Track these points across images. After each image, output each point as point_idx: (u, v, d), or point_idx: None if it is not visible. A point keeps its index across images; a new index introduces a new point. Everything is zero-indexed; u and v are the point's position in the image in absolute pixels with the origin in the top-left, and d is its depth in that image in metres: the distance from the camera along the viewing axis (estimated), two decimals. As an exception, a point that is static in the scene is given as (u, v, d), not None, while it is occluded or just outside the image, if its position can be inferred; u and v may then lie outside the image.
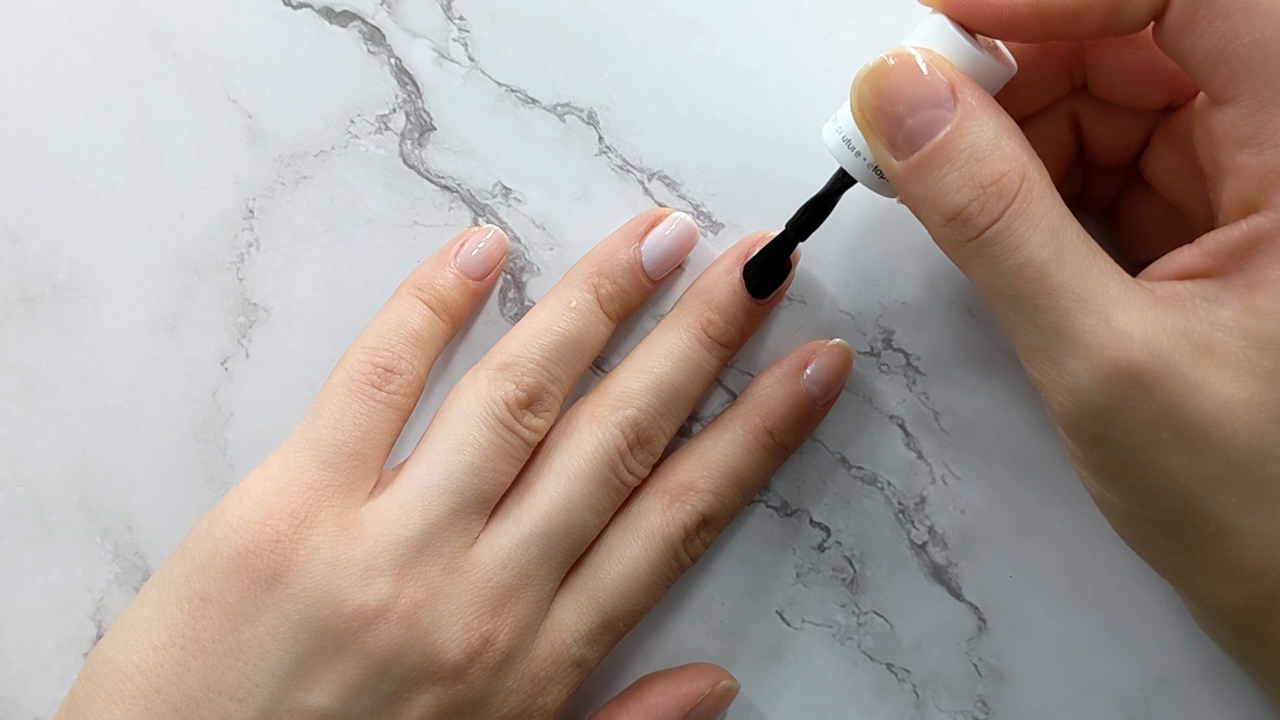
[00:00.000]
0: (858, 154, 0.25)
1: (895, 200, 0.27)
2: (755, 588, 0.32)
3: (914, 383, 0.31)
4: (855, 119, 0.24)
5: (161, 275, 0.32)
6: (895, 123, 0.23)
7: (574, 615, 0.29)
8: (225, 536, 0.26)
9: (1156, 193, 0.28)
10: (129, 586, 0.32)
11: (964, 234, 0.23)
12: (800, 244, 0.29)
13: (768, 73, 0.31)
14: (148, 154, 0.32)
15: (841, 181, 0.27)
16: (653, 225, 0.30)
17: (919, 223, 0.24)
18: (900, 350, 0.31)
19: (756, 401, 0.30)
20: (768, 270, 0.29)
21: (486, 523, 0.28)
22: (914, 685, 0.31)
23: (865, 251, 0.31)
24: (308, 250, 0.32)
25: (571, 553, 0.29)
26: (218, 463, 0.32)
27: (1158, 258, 0.25)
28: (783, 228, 0.29)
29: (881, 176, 0.26)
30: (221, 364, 0.32)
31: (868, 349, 0.31)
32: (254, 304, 0.32)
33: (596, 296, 0.29)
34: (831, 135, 0.26)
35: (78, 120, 0.32)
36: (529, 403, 0.28)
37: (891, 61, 0.23)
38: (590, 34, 0.31)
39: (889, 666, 0.31)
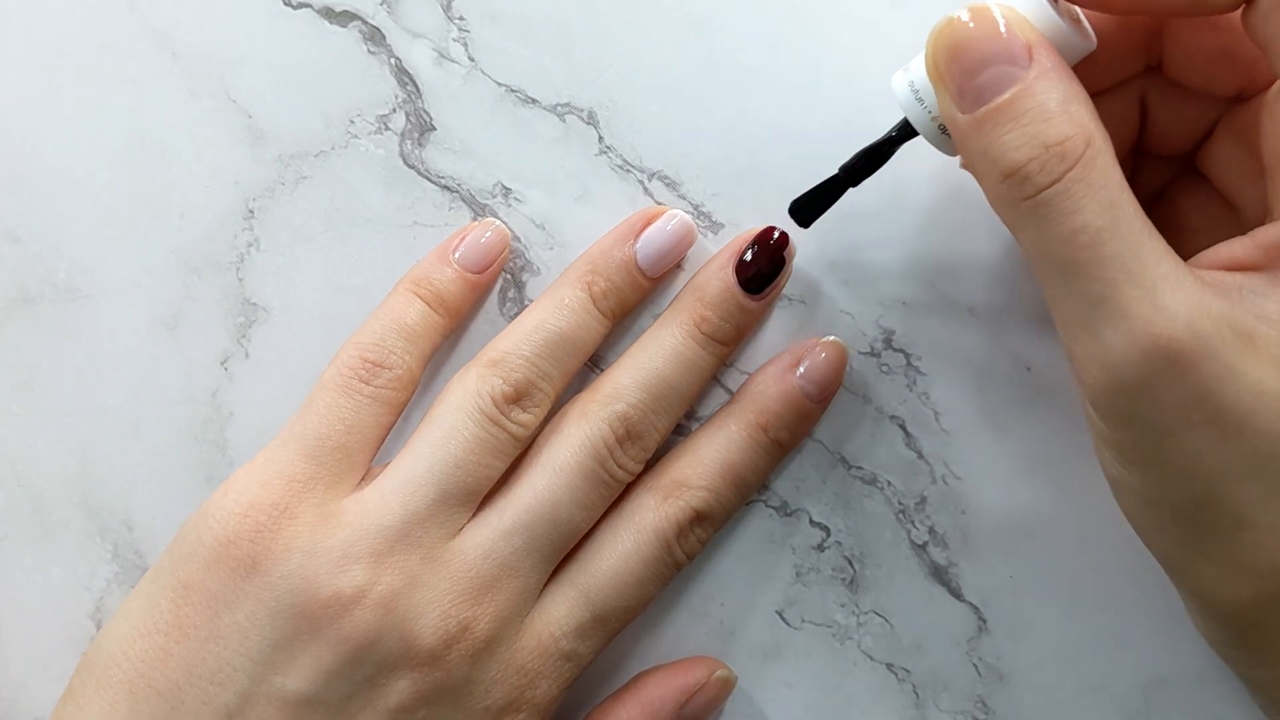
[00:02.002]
0: (925, 107, 0.25)
1: (958, 164, 0.26)
2: (755, 588, 0.32)
3: (914, 383, 0.31)
4: (927, 68, 0.24)
5: (161, 275, 0.32)
6: (966, 75, 0.23)
7: (563, 609, 0.29)
8: (208, 528, 0.27)
9: (1209, 186, 0.28)
10: (129, 586, 0.32)
11: (1021, 192, 0.23)
12: (802, 235, 0.29)
13: (768, 73, 0.31)
14: (148, 154, 0.32)
15: (903, 132, 0.27)
16: (649, 223, 0.30)
17: (918, 224, 0.24)
18: (900, 350, 0.31)
19: (750, 398, 0.30)
20: (809, 208, 0.29)
21: (473, 517, 0.28)
22: (914, 685, 0.31)
23: (866, 252, 0.31)
24: (308, 250, 0.32)
25: (558, 546, 0.29)
26: (218, 463, 0.32)
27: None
28: (835, 171, 0.28)
29: (944, 132, 0.25)
30: (221, 364, 0.32)
31: (868, 349, 0.31)
32: (254, 304, 0.32)
33: (590, 294, 0.30)
34: (901, 85, 0.26)
35: (78, 120, 0.32)
36: (517, 398, 0.29)
37: (970, 15, 0.23)
38: (590, 34, 0.31)
39: (889, 666, 0.31)
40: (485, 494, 0.29)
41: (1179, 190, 0.29)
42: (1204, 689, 0.31)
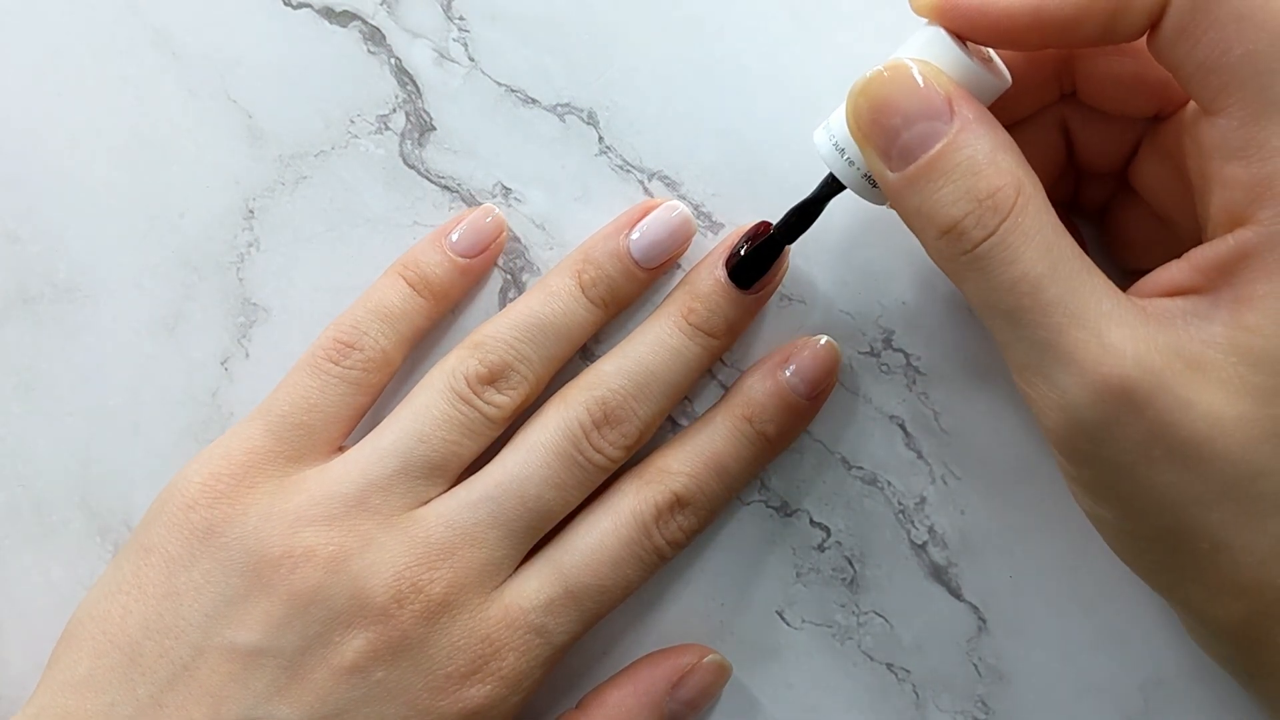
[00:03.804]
0: (849, 161, 0.26)
1: (885, 207, 0.27)
2: (755, 588, 0.32)
3: (914, 383, 0.31)
4: (850, 130, 0.24)
5: (161, 275, 0.32)
6: (891, 134, 0.23)
7: (535, 584, 0.28)
8: (171, 495, 0.28)
9: (1145, 202, 0.28)
10: (129, 586, 0.32)
11: (959, 247, 0.23)
12: (792, 244, 0.29)
13: (768, 73, 0.31)
14: (148, 154, 0.32)
15: (831, 187, 0.27)
16: (646, 213, 0.30)
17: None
18: (900, 350, 0.31)
19: (737, 393, 0.30)
20: (752, 270, 0.29)
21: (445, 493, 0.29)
22: (914, 685, 0.31)
23: (865, 251, 0.31)
24: (308, 250, 0.32)
25: (528, 523, 0.29)
26: (218, 463, 0.32)
27: (1147, 265, 0.25)
28: (769, 231, 0.29)
29: (873, 185, 0.26)
30: (221, 364, 0.32)
31: (868, 349, 0.31)
32: (254, 304, 0.32)
33: (578, 282, 0.30)
34: (823, 140, 0.26)
35: (78, 120, 0.32)
36: (491, 379, 0.29)
37: (887, 73, 0.24)
38: (590, 34, 0.31)
39: (889, 666, 0.31)
40: (457, 473, 0.29)
41: (1119, 205, 0.29)
42: (1204, 689, 0.31)
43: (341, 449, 0.30)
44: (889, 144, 0.24)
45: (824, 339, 0.30)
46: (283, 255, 0.32)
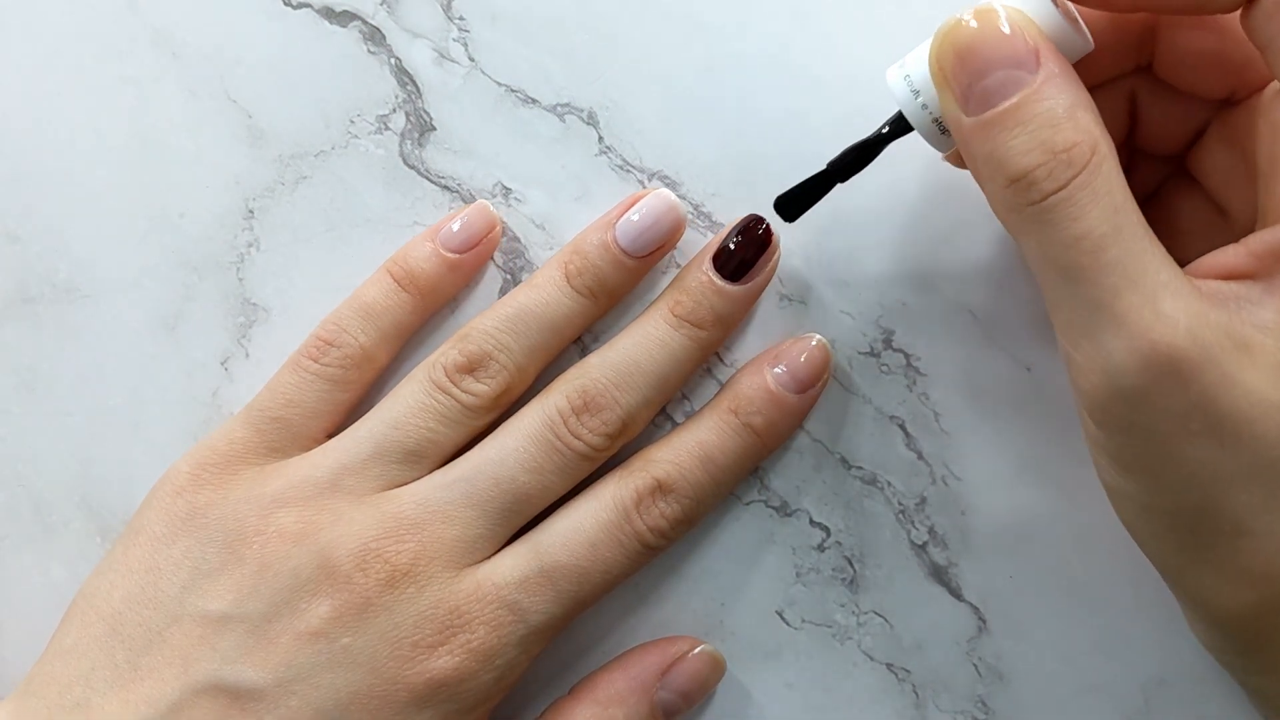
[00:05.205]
0: (923, 104, 0.25)
1: (941, 158, 0.26)
2: (755, 588, 0.32)
3: (914, 383, 0.31)
4: (930, 69, 0.24)
5: (161, 275, 0.32)
6: (973, 77, 0.23)
7: (510, 561, 0.29)
8: (161, 484, 0.30)
9: (1200, 189, 0.28)
10: (129, 586, 0.32)
11: (1026, 198, 0.23)
12: (802, 235, 0.29)
13: (768, 73, 0.31)
14: (148, 154, 0.32)
15: (896, 127, 0.26)
16: (633, 204, 0.30)
17: (918, 224, 0.24)
18: (900, 350, 0.31)
19: (725, 390, 0.31)
20: (796, 204, 0.28)
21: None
22: (914, 685, 0.31)
23: (865, 251, 0.31)
24: (308, 250, 0.32)
25: (504, 505, 0.29)
26: (218, 463, 0.32)
27: (1192, 255, 0.24)
28: (823, 166, 0.28)
29: (942, 131, 0.25)
30: (221, 364, 0.32)
31: (868, 349, 0.31)
32: (254, 304, 0.32)
33: (564, 272, 0.30)
34: (896, 80, 0.25)
35: (78, 120, 0.32)
36: (470, 368, 0.29)
37: (976, 18, 0.23)
38: (590, 34, 0.31)
39: (889, 666, 0.31)
40: (436, 460, 0.29)
41: (1171, 191, 0.29)
42: (1204, 689, 0.31)
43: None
44: (969, 87, 0.23)
45: (816, 338, 0.30)
46: (283, 255, 0.32)
